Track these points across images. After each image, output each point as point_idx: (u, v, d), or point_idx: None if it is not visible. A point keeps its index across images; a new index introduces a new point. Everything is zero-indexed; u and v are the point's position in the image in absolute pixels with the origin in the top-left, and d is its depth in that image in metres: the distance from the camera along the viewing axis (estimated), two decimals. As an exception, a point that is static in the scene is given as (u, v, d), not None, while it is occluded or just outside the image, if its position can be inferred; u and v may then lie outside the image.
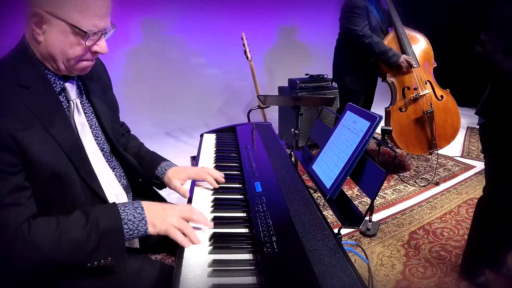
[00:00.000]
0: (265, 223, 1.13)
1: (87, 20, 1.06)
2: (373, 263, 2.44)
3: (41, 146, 1.06)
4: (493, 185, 2.09)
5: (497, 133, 1.99)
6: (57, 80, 1.16)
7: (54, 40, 1.07)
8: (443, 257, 2.52)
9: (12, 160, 1.00)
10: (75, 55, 1.10)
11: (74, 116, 1.21)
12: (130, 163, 1.44)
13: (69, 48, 1.09)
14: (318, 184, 1.51)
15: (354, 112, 1.56)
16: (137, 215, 1.10)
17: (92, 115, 1.31)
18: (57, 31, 1.06)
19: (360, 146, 1.38)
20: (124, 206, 1.12)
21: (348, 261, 0.98)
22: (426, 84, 3.63)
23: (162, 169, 1.55)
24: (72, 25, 1.05)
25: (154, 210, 1.14)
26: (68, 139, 1.14)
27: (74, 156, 1.15)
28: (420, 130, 3.66)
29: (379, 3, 3.80)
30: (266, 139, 1.97)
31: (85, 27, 1.06)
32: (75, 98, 1.22)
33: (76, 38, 1.08)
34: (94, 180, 1.21)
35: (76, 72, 1.17)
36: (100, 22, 1.09)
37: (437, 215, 3.06)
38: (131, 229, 1.08)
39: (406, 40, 3.67)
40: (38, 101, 1.09)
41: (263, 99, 3.21)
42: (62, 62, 1.11)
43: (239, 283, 0.94)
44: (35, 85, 1.10)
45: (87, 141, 1.24)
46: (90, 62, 1.17)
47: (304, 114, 4.30)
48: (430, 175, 3.85)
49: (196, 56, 5.89)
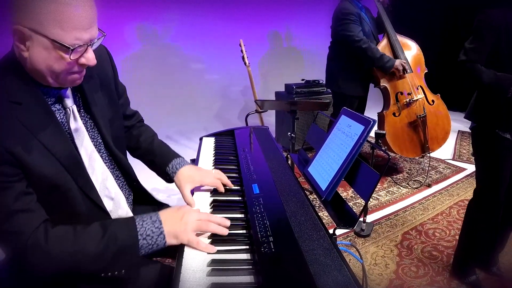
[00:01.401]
0: (262, 224, 1.13)
1: (69, 34, 0.98)
2: (367, 263, 2.44)
3: (38, 160, 1.02)
4: (483, 187, 2.11)
5: (484, 137, 2.01)
6: (49, 91, 1.11)
7: (38, 56, 1.00)
8: (435, 256, 2.52)
9: (13, 171, 0.98)
10: (61, 69, 1.03)
11: (70, 123, 1.16)
12: (124, 167, 1.38)
13: (54, 63, 1.02)
14: (314, 186, 1.51)
15: (348, 116, 1.56)
16: (155, 230, 1.08)
17: (89, 119, 1.26)
18: (40, 47, 0.99)
19: (354, 149, 1.38)
20: (142, 221, 1.09)
21: (343, 260, 0.98)
22: (418, 89, 3.65)
23: (173, 167, 1.49)
24: (54, 40, 0.97)
25: (173, 222, 1.11)
26: (64, 151, 1.10)
27: (70, 166, 1.11)
28: (413, 134, 3.67)
29: (368, 10, 3.80)
30: (263, 142, 1.97)
31: (67, 41, 0.98)
32: (72, 105, 1.17)
33: (60, 53, 1.00)
34: (92, 190, 1.19)
35: (68, 85, 1.12)
36: (83, 34, 1.01)
37: (429, 216, 3.06)
38: (150, 243, 1.06)
39: (398, 47, 3.67)
40: (31, 116, 1.04)
41: (260, 103, 3.21)
42: (51, 77, 1.05)
43: (237, 282, 0.94)
44: (27, 100, 1.04)
45: (83, 147, 1.19)
46: (80, 74, 1.11)
47: (300, 118, 4.30)
48: (422, 177, 3.86)
49: (195, 62, 5.90)
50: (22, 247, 0.95)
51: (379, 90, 3.79)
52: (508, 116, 1.90)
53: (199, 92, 5.93)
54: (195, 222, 1.12)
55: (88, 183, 1.18)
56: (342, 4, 3.57)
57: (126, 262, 1.05)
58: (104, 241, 1.01)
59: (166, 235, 1.08)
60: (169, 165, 1.50)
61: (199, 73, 5.96)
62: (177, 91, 5.69)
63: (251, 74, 3.84)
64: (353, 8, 3.53)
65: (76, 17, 0.98)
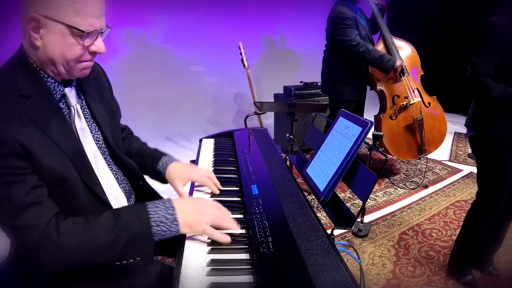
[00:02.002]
0: (261, 224, 1.13)
1: (84, 20, 1.04)
2: (364, 263, 2.44)
3: (46, 153, 1.04)
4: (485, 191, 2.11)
5: (488, 144, 2.00)
6: (56, 86, 1.14)
7: (52, 43, 1.05)
8: (432, 256, 2.52)
9: (24, 164, 0.99)
10: (74, 56, 1.08)
11: (75, 122, 1.19)
12: (130, 167, 1.40)
13: (68, 49, 1.06)
14: (312, 187, 1.51)
15: (346, 118, 1.57)
16: (169, 216, 1.08)
17: (91, 120, 1.28)
18: (55, 33, 1.04)
19: (352, 150, 1.38)
20: (155, 207, 1.09)
21: (340, 260, 0.98)
22: (415, 92, 3.63)
23: (163, 163, 1.52)
24: (70, 26, 1.03)
25: (189, 211, 1.12)
26: (70, 145, 1.12)
27: (77, 161, 1.13)
28: (410, 137, 3.66)
29: (362, 12, 3.77)
30: (262, 144, 1.97)
31: (82, 27, 1.04)
32: (76, 104, 1.20)
33: (74, 39, 1.05)
34: (96, 185, 1.19)
35: (76, 74, 1.14)
36: (96, 21, 1.07)
37: (426, 217, 3.07)
38: (164, 230, 1.06)
39: (394, 49, 3.66)
40: (39, 110, 1.07)
41: (259, 105, 3.21)
42: (62, 65, 1.09)
43: (236, 282, 0.94)
44: (35, 94, 1.07)
45: (88, 146, 1.21)
46: (89, 62, 1.15)
47: (298, 120, 4.29)
48: (419, 179, 3.87)
49: (195, 64, 5.91)
50: (34, 242, 0.95)
51: (375, 93, 3.78)
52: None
53: (198, 94, 5.94)
54: (211, 215, 1.12)
55: (92, 178, 1.18)
56: (338, 8, 3.53)
57: (140, 250, 1.05)
58: (116, 230, 1.01)
59: (180, 223, 1.08)
60: (159, 163, 1.52)
61: (198, 76, 5.97)
62: (177, 94, 5.70)
63: (250, 77, 3.84)
64: (349, 12, 3.50)
65: (91, 5, 1.05)
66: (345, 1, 3.58)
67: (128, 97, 2.06)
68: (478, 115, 2.04)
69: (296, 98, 4.49)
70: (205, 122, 5.72)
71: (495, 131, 1.97)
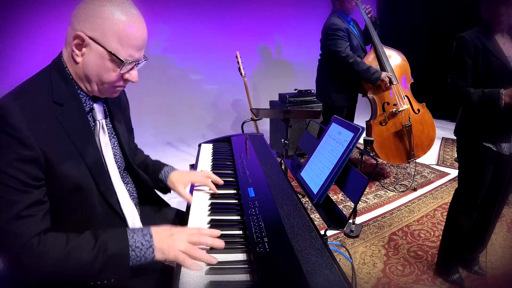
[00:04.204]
0: (257, 225, 1.14)
1: (125, 50, 1.06)
2: (356, 262, 2.44)
3: (67, 160, 1.05)
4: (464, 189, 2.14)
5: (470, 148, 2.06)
6: (87, 100, 1.16)
7: (91, 63, 1.07)
8: (420, 256, 2.52)
9: (39, 175, 0.99)
10: (109, 80, 1.10)
11: (100, 135, 1.20)
12: (142, 179, 1.43)
13: (105, 72, 1.08)
14: (306, 189, 1.51)
15: (339, 124, 1.57)
16: (145, 243, 1.04)
17: (113, 135, 1.30)
18: (96, 55, 1.06)
19: (344, 155, 1.39)
20: (133, 233, 1.06)
21: (333, 260, 0.99)
22: (404, 99, 3.65)
23: (165, 172, 1.55)
24: (111, 52, 1.05)
25: (162, 237, 1.06)
26: (92, 156, 1.13)
27: (96, 172, 1.13)
28: (399, 142, 3.67)
29: (356, 23, 3.80)
30: (258, 148, 1.97)
31: (122, 56, 1.06)
32: (101, 119, 1.21)
33: (112, 65, 1.08)
34: (112, 195, 1.20)
35: (106, 95, 1.17)
36: (135, 53, 1.09)
37: (415, 218, 3.07)
38: (138, 255, 1.02)
39: (385, 59, 3.68)
40: (70, 119, 1.08)
41: (255, 112, 3.21)
42: (96, 84, 1.11)
43: (234, 281, 0.94)
44: (68, 103, 1.09)
45: (108, 159, 1.22)
46: (121, 88, 1.18)
47: (293, 126, 4.31)
48: (408, 182, 3.87)
49: (194, 73, 5.92)
50: (18, 249, 0.93)
51: (366, 100, 3.80)
52: (492, 129, 1.95)
53: (197, 101, 5.95)
54: (185, 237, 1.06)
55: (109, 189, 1.19)
56: (332, 19, 3.57)
57: (115, 271, 1.01)
58: (95, 250, 0.99)
59: (155, 249, 1.04)
60: (161, 172, 1.55)
61: (197, 84, 5.98)
62: (177, 101, 5.71)
63: (247, 84, 3.86)
64: (342, 23, 3.54)
65: (135, 38, 1.08)
66: (339, 12, 3.62)
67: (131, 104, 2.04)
68: (459, 122, 2.12)
69: (291, 105, 4.49)
70: (204, 128, 5.72)
71: (470, 136, 2.04)
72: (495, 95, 1.85)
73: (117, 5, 1.05)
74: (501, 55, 1.89)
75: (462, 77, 1.98)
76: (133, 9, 1.09)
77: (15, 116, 0.96)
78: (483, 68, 1.91)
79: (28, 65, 4.52)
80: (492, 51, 1.90)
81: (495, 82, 1.89)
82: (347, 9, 3.63)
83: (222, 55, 5.45)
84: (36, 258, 0.94)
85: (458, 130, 2.13)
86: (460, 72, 1.99)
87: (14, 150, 0.94)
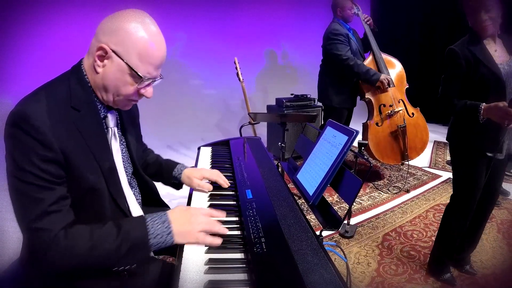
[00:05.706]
0: (255, 226, 1.14)
1: (144, 67, 1.09)
2: (351, 262, 2.44)
3: (84, 164, 1.07)
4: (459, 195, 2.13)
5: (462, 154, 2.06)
6: (102, 108, 1.18)
7: (111, 75, 1.09)
8: (413, 256, 2.53)
9: (60, 173, 1.02)
10: (125, 93, 1.12)
11: (112, 142, 1.23)
12: (148, 183, 1.47)
13: (123, 85, 1.11)
14: (302, 191, 1.52)
15: (333, 127, 1.58)
16: (165, 229, 1.09)
17: (123, 142, 1.33)
18: (116, 68, 1.08)
19: (339, 157, 1.40)
20: (153, 221, 1.10)
21: (328, 259, 0.99)
22: (400, 102, 3.69)
23: (178, 170, 1.62)
24: (131, 67, 1.08)
25: (182, 223, 1.13)
26: (106, 161, 1.16)
27: (109, 176, 1.17)
28: (394, 142, 3.69)
29: (355, 32, 3.91)
30: (256, 151, 1.98)
31: (141, 72, 1.09)
32: (113, 126, 1.24)
33: (130, 79, 1.10)
34: (122, 198, 1.23)
35: (120, 106, 1.19)
36: (154, 71, 1.12)
37: (408, 219, 3.08)
38: (159, 241, 1.08)
39: (382, 64, 3.74)
40: (86, 124, 1.10)
41: (253, 116, 3.22)
42: (112, 95, 1.13)
43: (232, 279, 0.95)
44: (85, 109, 1.11)
45: (118, 164, 1.25)
46: (134, 102, 1.21)
47: (289, 129, 4.32)
48: (401, 183, 3.88)
49: (194, 78, 5.94)
50: (46, 243, 0.96)
51: (364, 102, 3.83)
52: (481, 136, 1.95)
53: (197, 105, 5.96)
54: (202, 224, 1.13)
55: (119, 192, 1.23)
56: (333, 25, 3.71)
57: (138, 258, 1.08)
58: (119, 238, 1.03)
59: (174, 235, 1.10)
60: (175, 169, 1.63)
61: (197, 88, 6.00)
62: (177, 105, 5.71)
63: (244, 89, 3.86)
64: (342, 29, 3.66)
65: (155, 57, 1.11)
66: (339, 20, 3.76)
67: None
68: (451, 128, 2.13)
69: (288, 109, 4.50)
70: (203, 131, 5.71)
71: (462, 142, 2.05)
72: (474, 109, 1.85)
73: (141, 23, 1.08)
74: (492, 65, 1.86)
75: (449, 89, 1.99)
76: (154, 26, 1.12)
77: (39, 118, 0.98)
78: (475, 78, 1.90)
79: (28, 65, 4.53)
80: (483, 61, 1.87)
81: (488, 91, 1.88)
82: (347, 17, 3.77)
83: (222, 60, 5.46)
84: (64, 251, 0.97)
85: (450, 136, 2.13)
86: (448, 83, 2.00)
87: (37, 152, 0.97)
